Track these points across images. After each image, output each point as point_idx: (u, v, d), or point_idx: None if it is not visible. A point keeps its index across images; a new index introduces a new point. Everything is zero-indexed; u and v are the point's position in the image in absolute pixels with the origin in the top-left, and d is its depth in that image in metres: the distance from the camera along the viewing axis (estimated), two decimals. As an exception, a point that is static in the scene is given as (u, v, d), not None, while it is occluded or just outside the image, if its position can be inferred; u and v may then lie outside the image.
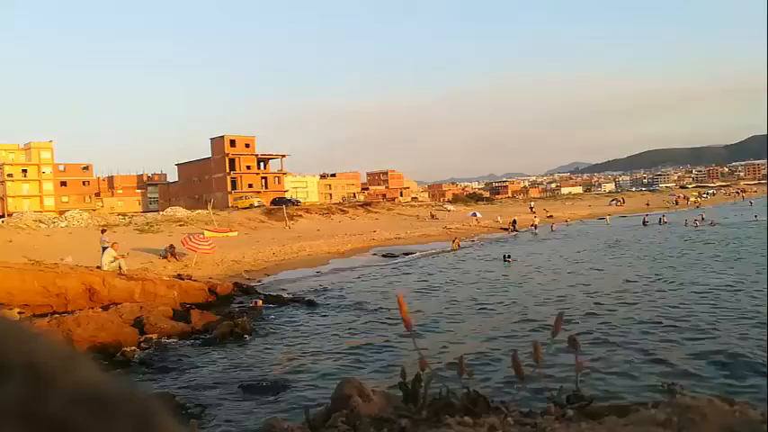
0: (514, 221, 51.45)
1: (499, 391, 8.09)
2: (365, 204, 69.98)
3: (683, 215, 55.92)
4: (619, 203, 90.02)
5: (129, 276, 17.90)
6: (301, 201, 73.40)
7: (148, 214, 52.80)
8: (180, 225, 41.71)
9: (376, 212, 63.42)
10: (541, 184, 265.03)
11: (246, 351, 12.75)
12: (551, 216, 61.44)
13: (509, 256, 28.79)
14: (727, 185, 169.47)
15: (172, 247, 28.30)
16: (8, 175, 78.88)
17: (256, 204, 61.39)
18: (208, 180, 79.65)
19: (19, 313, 14.05)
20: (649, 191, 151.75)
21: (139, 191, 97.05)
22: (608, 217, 58.08)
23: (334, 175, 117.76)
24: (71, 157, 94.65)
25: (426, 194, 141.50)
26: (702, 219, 47.97)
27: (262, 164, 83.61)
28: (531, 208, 71.25)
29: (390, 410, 1.60)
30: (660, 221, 50.10)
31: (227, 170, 77.28)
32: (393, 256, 33.12)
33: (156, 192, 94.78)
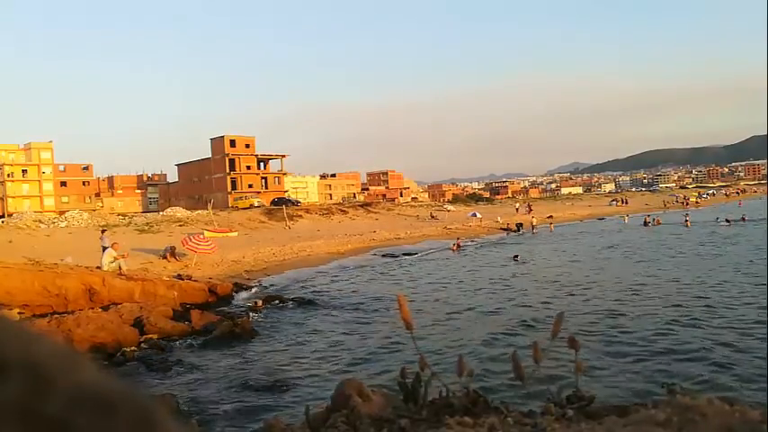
0: (520, 225, 51.24)
1: (499, 392, 8.09)
2: (365, 204, 69.96)
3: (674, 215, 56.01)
4: (619, 203, 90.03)
5: (129, 276, 17.90)
6: (301, 201, 73.38)
7: (148, 214, 52.84)
8: (180, 225, 41.70)
9: (376, 213, 63.40)
10: (541, 184, 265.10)
11: (246, 351, 12.75)
12: (551, 216, 61.44)
13: (517, 256, 29.02)
14: (727, 186, 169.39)
15: (172, 247, 28.29)
16: (8, 175, 78.86)
17: (256, 205, 61.35)
18: (208, 180, 79.62)
19: (19, 313, 14.04)
20: (649, 191, 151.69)
21: (139, 191, 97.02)
22: (626, 216, 57.47)
23: (334, 176, 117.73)
24: (71, 158, 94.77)
25: (426, 195, 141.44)
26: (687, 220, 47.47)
27: (262, 164, 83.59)
28: (518, 209, 70.30)
29: (390, 410, 1.60)
30: (653, 222, 50.06)
31: (227, 170, 77.26)
32: (393, 256, 33.13)
33: (156, 192, 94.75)
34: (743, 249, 28.29)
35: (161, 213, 52.09)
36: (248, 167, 79.51)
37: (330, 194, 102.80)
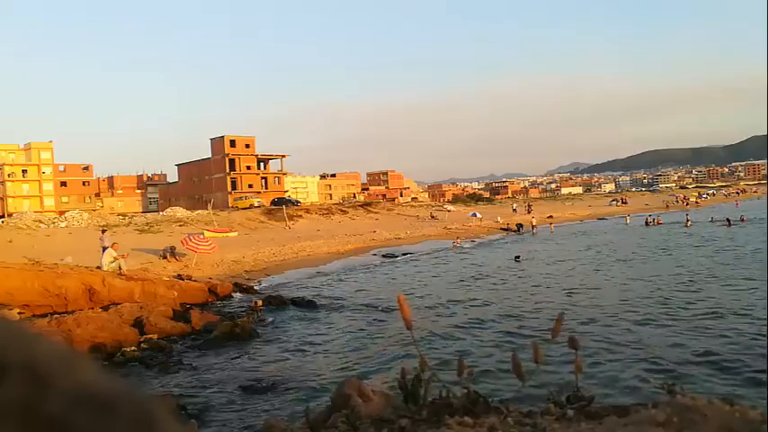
0: (520, 225, 51.20)
1: (499, 391, 8.09)
2: (365, 205, 69.88)
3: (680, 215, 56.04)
4: (618, 204, 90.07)
5: (129, 276, 17.90)
6: (301, 201, 73.29)
7: (148, 214, 52.78)
8: (180, 225, 41.69)
9: (376, 213, 63.37)
10: (541, 184, 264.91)
11: (246, 351, 12.75)
12: (551, 216, 61.46)
13: (519, 257, 29.13)
14: (726, 186, 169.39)
15: (172, 247, 28.29)
16: (8, 175, 78.81)
17: (256, 205, 61.29)
18: (208, 180, 79.54)
19: (19, 313, 14.04)
20: (649, 191, 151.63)
21: (139, 191, 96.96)
22: (628, 217, 56.95)
23: (334, 176, 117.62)
24: (71, 158, 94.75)
25: (426, 195, 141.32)
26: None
27: (262, 164, 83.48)
28: (515, 209, 70.18)
29: (390, 410, 1.60)
30: (654, 222, 50.13)
31: (227, 170, 77.19)
32: (393, 256, 33.13)
33: (156, 192, 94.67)
34: (743, 249, 28.27)
35: (161, 213, 52.07)
36: (248, 167, 79.42)
37: (330, 194, 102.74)
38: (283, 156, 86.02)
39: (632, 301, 16.47)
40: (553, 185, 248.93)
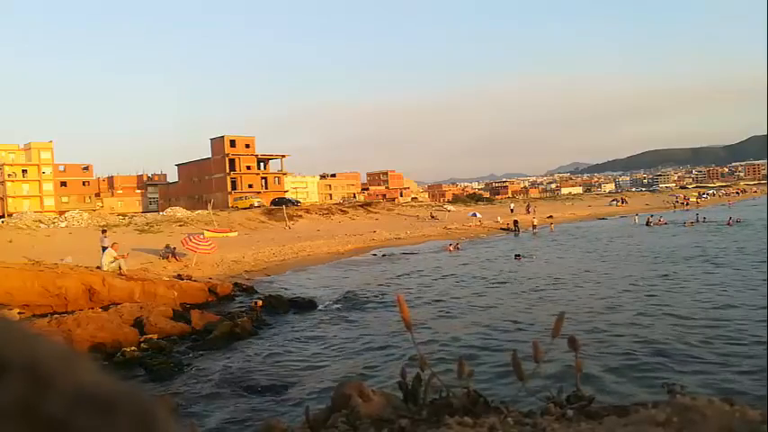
0: (516, 222, 51.21)
1: (499, 391, 8.09)
2: (365, 205, 69.85)
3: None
4: (618, 204, 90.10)
5: (129, 276, 17.90)
6: (301, 201, 73.30)
7: (148, 214, 52.77)
8: (180, 225, 41.70)
9: (376, 213, 63.37)
10: (541, 184, 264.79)
11: (246, 351, 12.75)
12: (551, 216, 61.48)
13: (519, 255, 29.24)
14: (726, 186, 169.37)
15: (172, 247, 28.29)
16: (8, 176, 78.81)
17: (256, 205, 61.30)
18: (208, 180, 79.57)
19: (19, 313, 14.04)
20: (649, 191, 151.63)
21: (139, 191, 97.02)
22: (636, 217, 56.12)
23: (334, 176, 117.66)
24: (71, 158, 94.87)
25: (426, 195, 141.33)
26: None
27: (262, 164, 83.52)
28: (512, 209, 69.86)
29: (390, 410, 1.60)
30: (657, 221, 50.25)
31: (227, 170, 77.22)
32: (393, 256, 33.14)
33: (156, 192, 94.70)
34: (740, 247, 28.29)
35: (161, 213, 52.08)
36: (248, 167, 79.46)
37: (330, 194, 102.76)
38: (283, 156, 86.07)
39: (633, 301, 16.46)
40: (553, 185, 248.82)
